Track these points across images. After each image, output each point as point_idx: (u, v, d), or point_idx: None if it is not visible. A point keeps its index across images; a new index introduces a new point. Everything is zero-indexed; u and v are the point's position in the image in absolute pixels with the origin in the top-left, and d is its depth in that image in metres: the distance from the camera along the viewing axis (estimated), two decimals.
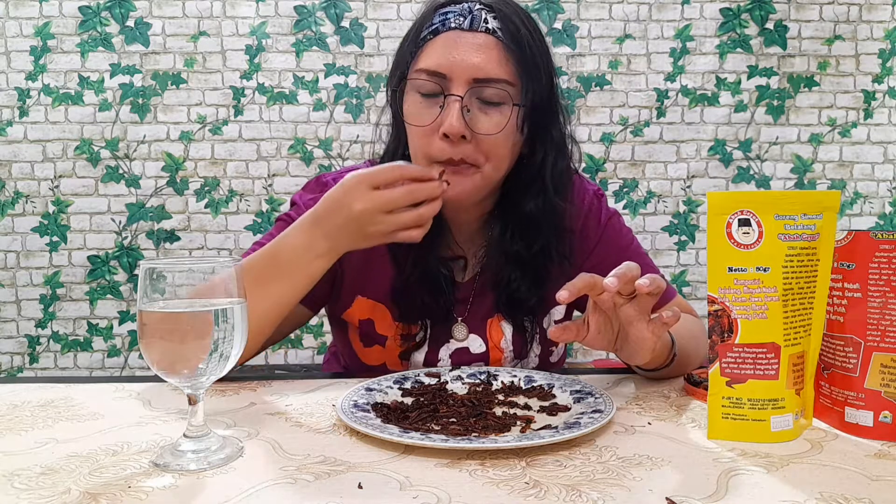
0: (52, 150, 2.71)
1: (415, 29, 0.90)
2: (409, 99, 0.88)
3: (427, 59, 0.85)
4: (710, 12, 2.76)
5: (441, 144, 0.85)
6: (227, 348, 0.60)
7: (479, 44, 0.84)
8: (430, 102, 0.86)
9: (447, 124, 0.83)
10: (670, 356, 0.84)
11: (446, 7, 0.87)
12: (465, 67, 0.83)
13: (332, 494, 0.52)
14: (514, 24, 0.85)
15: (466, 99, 0.84)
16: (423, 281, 0.94)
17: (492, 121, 0.85)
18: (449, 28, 0.85)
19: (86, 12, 2.68)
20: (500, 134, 0.85)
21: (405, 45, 0.91)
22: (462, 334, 0.99)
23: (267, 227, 2.75)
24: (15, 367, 2.75)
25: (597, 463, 0.59)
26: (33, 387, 0.84)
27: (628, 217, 2.80)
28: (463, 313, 0.99)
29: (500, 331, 0.99)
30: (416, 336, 0.97)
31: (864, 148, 2.83)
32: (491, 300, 0.99)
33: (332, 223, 0.82)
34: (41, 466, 0.58)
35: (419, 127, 0.86)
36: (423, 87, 0.85)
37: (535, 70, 0.87)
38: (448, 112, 0.83)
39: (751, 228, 0.64)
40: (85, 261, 2.74)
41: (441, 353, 0.98)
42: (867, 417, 0.65)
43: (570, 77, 2.76)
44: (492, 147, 0.86)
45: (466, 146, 0.85)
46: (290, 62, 2.73)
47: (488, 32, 0.84)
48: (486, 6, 0.86)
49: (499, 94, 0.84)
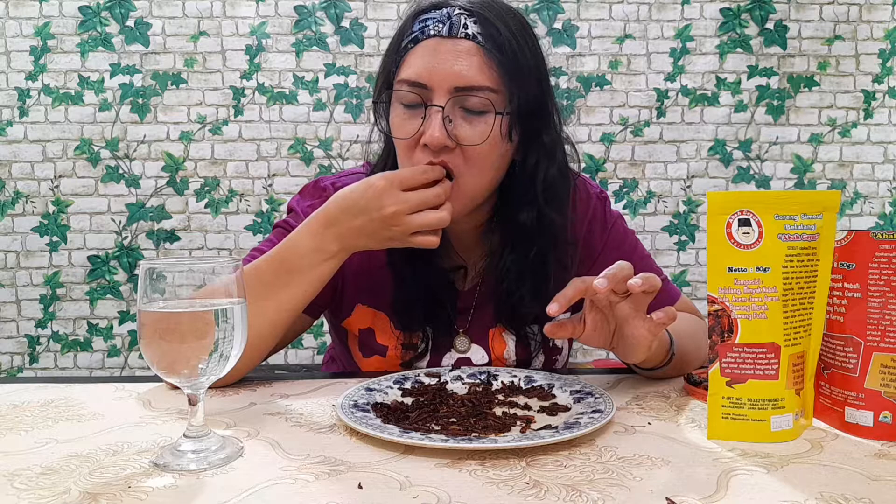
0: (52, 150, 2.71)
1: (396, 38, 0.88)
2: (393, 111, 0.86)
3: (408, 70, 0.83)
4: (710, 12, 2.76)
5: (422, 156, 0.82)
6: (227, 348, 0.60)
7: (458, 50, 0.81)
8: (412, 113, 0.83)
9: (428, 135, 0.80)
10: (668, 355, 0.83)
11: (425, 14, 0.85)
12: (445, 76, 0.80)
13: (332, 494, 0.52)
14: (495, 28, 0.82)
15: (448, 108, 0.81)
16: (425, 291, 0.93)
17: (475, 130, 0.82)
18: (428, 36, 0.82)
19: (86, 12, 2.68)
20: (485, 143, 0.82)
21: (388, 55, 0.89)
22: (464, 346, 0.98)
23: (267, 228, 2.75)
24: (15, 367, 2.75)
25: (597, 463, 0.59)
26: (33, 387, 0.84)
27: (628, 217, 2.80)
28: (464, 323, 0.98)
29: (503, 341, 0.98)
30: (417, 346, 0.95)
31: (864, 148, 2.83)
32: (492, 310, 0.97)
33: (349, 225, 0.81)
34: (41, 466, 0.58)
35: (403, 139, 0.85)
36: (405, 98, 0.83)
37: (520, 74, 0.83)
38: (429, 123, 0.81)
39: (751, 228, 0.64)
40: (85, 261, 2.74)
41: (444, 362, 0.97)
42: (867, 417, 0.65)
43: (570, 77, 2.76)
44: (477, 157, 0.83)
45: (450, 156, 0.82)
46: (290, 62, 2.73)
47: (468, 38, 0.81)
48: (466, 11, 0.83)
49: (482, 102, 0.81)
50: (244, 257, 0.93)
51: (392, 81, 0.86)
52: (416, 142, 0.83)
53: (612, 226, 1.02)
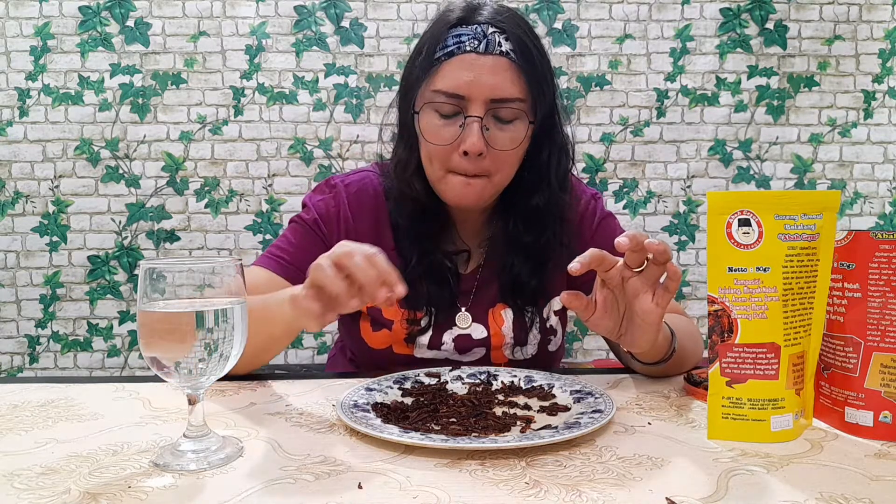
0: (52, 150, 2.70)
1: (426, 47, 0.94)
2: (426, 117, 0.94)
3: (444, 81, 0.91)
4: (710, 12, 2.76)
5: (460, 160, 0.92)
6: (227, 348, 0.60)
7: (494, 66, 0.90)
8: (449, 121, 0.92)
9: (469, 143, 0.90)
10: (670, 350, 0.84)
11: (458, 28, 0.92)
12: (483, 89, 0.89)
13: (332, 494, 0.52)
14: (524, 44, 0.91)
15: (485, 119, 0.90)
16: (428, 274, 1.00)
17: (507, 136, 0.92)
18: (464, 51, 0.90)
19: (86, 12, 2.68)
20: (518, 148, 0.93)
21: (416, 62, 0.95)
22: (465, 323, 1.03)
23: (267, 228, 2.75)
24: (15, 367, 2.75)
25: (597, 463, 0.59)
26: (33, 387, 0.85)
27: (628, 217, 2.80)
28: (466, 303, 1.04)
29: (502, 318, 1.04)
30: (420, 321, 1.01)
31: (864, 148, 2.82)
32: (494, 290, 1.04)
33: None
34: (41, 466, 0.58)
35: (441, 146, 0.93)
36: (443, 108, 0.92)
37: (543, 83, 0.94)
38: (469, 132, 0.90)
39: (751, 228, 0.64)
40: (85, 261, 2.74)
41: (444, 338, 1.02)
42: (867, 417, 0.65)
43: (570, 77, 2.76)
44: (507, 158, 0.94)
45: (483, 160, 0.92)
46: (290, 62, 2.72)
47: (502, 55, 0.90)
48: (498, 29, 0.91)
49: (513, 111, 0.92)
50: (261, 255, 1.02)
51: (420, 86, 0.94)
52: (453, 148, 0.92)
53: (601, 222, 1.09)
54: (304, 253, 0.99)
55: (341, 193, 1.05)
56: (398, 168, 1.01)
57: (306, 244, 1.01)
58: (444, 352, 1.02)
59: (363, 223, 1.04)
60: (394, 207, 1.03)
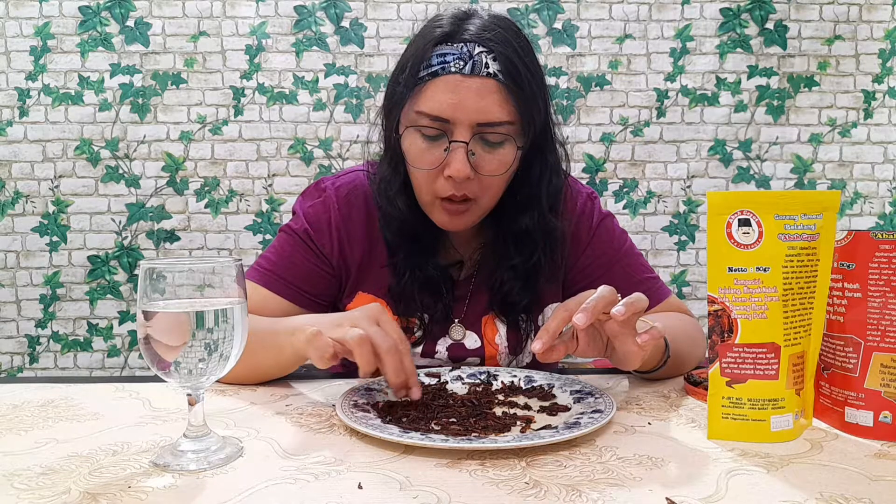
0: (52, 150, 2.70)
1: (410, 64, 0.88)
2: (409, 138, 0.89)
3: (428, 102, 0.85)
4: (710, 12, 2.76)
5: (445, 184, 0.88)
6: (227, 348, 0.60)
7: (480, 89, 0.84)
8: (433, 144, 0.87)
9: (453, 168, 0.85)
10: (663, 358, 0.84)
11: (443, 47, 0.86)
12: (469, 113, 0.84)
13: (332, 494, 0.52)
14: (512, 64, 0.85)
15: (471, 143, 0.85)
16: (422, 285, 0.97)
17: (495, 160, 0.88)
18: (449, 72, 0.84)
19: (86, 12, 2.68)
20: (506, 173, 0.89)
21: (399, 78, 0.89)
22: (459, 334, 1.02)
23: (267, 227, 2.75)
24: (15, 367, 2.75)
25: (597, 463, 0.59)
26: (33, 387, 0.84)
27: (628, 217, 2.80)
28: (460, 312, 1.02)
29: (495, 328, 1.02)
30: (414, 330, 0.99)
31: (864, 148, 2.83)
32: (486, 299, 1.02)
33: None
34: (41, 466, 0.58)
35: (425, 170, 0.88)
36: (427, 131, 0.87)
37: (534, 103, 0.88)
38: (453, 157, 0.85)
39: (751, 228, 0.64)
40: (85, 261, 2.74)
41: (438, 346, 1.01)
42: (867, 417, 0.65)
43: (570, 77, 2.76)
44: (494, 182, 0.90)
45: (469, 184, 0.87)
46: (290, 62, 2.72)
47: (489, 76, 0.84)
48: (486, 49, 0.85)
49: (501, 135, 0.86)
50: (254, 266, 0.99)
51: (403, 105, 0.89)
52: (438, 172, 0.88)
53: (601, 222, 1.05)
54: (297, 269, 0.97)
55: (331, 198, 1.00)
56: (382, 186, 0.97)
57: (299, 259, 0.98)
58: (437, 360, 1.01)
59: (356, 230, 1.00)
60: (383, 224, 0.99)
